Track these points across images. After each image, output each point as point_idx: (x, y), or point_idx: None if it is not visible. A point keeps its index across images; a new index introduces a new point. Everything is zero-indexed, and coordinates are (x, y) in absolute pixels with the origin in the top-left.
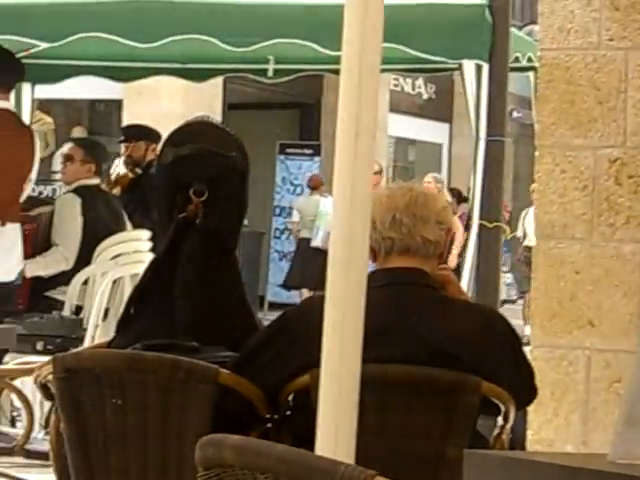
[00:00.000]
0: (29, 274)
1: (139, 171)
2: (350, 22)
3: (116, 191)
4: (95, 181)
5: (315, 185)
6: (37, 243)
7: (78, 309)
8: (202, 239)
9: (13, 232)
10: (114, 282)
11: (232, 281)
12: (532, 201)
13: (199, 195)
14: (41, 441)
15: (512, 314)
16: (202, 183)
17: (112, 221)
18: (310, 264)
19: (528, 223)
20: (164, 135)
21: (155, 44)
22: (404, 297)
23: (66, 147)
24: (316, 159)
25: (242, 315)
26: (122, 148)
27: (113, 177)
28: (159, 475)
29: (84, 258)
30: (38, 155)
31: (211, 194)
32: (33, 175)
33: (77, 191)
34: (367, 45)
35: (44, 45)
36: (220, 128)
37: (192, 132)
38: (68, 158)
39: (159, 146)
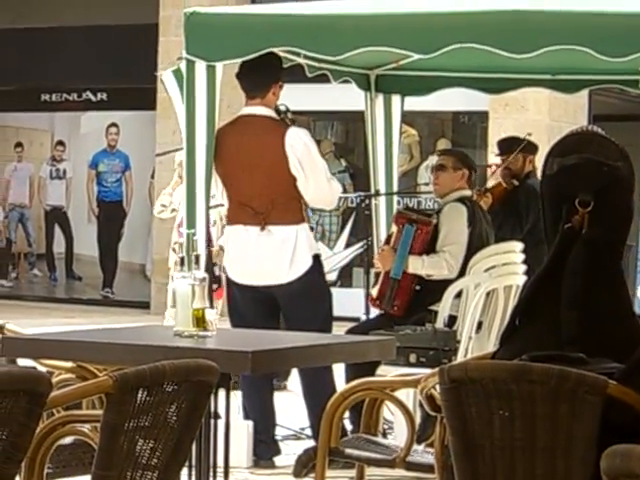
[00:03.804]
0: (411, 269)
1: (515, 183)
2: None
3: (485, 201)
4: (469, 192)
5: None
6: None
7: (451, 321)
8: (588, 250)
9: (271, 237)
10: (487, 294)
11: (618, 293)
12: None
13: (585, 205)
14: (421, 453)
15: None
16: (588, 193)
17: (490, 233)
18: None
19: None
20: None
21: (530, 54)
22: None
23: (431, 159)
24: None
25: (628, 327)
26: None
27: (485, 188)
28: None
29: (460, 270)
30: (295, 160)
31: (597, 204)
32: (302, 184)
33: (461, 201)
34: None
35: (416, 56)
36: (605, 138)
37: (577, 142)
38: (440, 167)
39: (537, 157)
